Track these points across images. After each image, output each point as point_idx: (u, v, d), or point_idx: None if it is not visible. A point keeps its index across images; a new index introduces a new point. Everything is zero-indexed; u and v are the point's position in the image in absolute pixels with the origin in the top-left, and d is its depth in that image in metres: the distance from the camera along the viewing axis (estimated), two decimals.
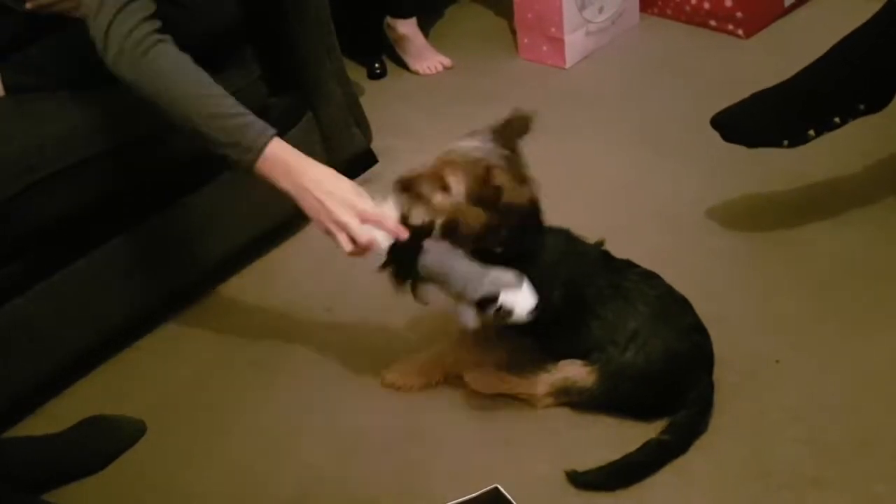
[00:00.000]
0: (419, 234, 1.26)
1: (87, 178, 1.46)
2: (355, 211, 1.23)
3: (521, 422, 1.36)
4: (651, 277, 1.36)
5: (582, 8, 2.29)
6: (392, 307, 1.62)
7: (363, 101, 1.99)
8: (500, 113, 1.33)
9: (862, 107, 1.52)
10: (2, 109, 1.48)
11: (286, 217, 1.83)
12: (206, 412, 1.48)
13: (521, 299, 1.19)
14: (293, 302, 1.68)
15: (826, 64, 1.52)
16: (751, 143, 1.58)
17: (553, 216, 1.34)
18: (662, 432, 1.27)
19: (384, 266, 1.27)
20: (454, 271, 1.23)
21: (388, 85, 2.40)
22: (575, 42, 2.31)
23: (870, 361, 1.37)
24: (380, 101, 2.24)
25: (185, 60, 1.27)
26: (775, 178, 1.77)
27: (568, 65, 2.32)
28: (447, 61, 2.42)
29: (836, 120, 1.52)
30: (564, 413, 1.36)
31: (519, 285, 1.20)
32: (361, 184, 1.96)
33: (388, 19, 2.39)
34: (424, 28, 2.46)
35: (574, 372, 1.32)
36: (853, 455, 1.24)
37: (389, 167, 2.04)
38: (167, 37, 1.26)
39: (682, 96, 2.11)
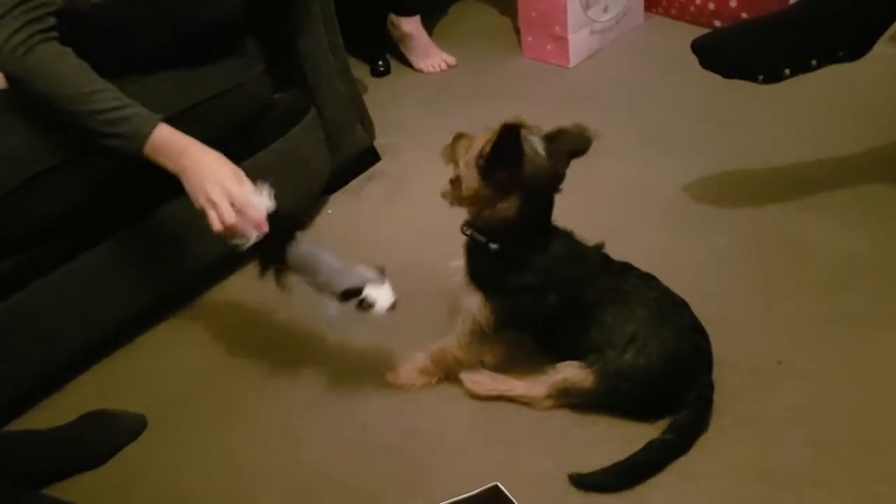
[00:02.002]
0: (286, 226, 1.32)
1: (87, 174, 1.45)
2: (227, 194, 1.28)
3: (522, 420, 1.36)
4: (649, 280, 1.36)
5: (586, 7, 2.29)
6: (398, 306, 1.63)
7: (367, 98, 1.99)
8: (504, 111, 1.33)
9: (841, 53, 1.51)
10: (4, 101, 1.47)
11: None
12: (207, 408, 1.48)
13: (382, 294, 1.28)
14: (294, 300, 1.68)
15: (812, 6, 1.52)
16: (727, 72, 1.57)
17: (555, 214, 1.33)
18: (665, 432, 1.27)
19: (251, 251, 1.32)
20: (322, 264, 1.30)
21: (391, 83, 2.40)
22: (579, 41, 2.31)
23: (872, 362, 1.37)
24: (383, 98, 2.23)
25: (66, 59, 1.30)
26: (779, 179, 1.76)
27: (572, 64, 2.32)
28: (451, 59, 2.41)
29: (814, 62, 1.52)
30: (565, 412, 1.35)
31: (381, 282, 1.28)
32: (365, 181, 2.01)
33: (392, 17, 2.39)
34: (428, 26, 2.46)
35: (573, 374, 1.32)
36: (855, 456, 1.24)
37: (392, 165, 2.04)
38: (53, 34, 1.29)
39: (686, 96, 2.11)
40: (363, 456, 1.36)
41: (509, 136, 1.19)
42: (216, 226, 1.29)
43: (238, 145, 1.66)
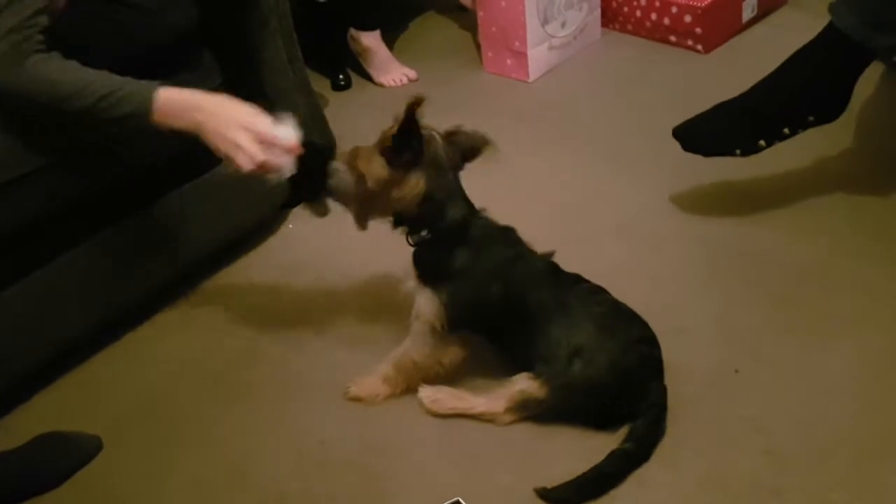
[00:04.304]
0: (319, 150, 1.33)
1: (47, 184, 1.42)
2: (251, 132, 1.27)
3: (484, 435, 1.36)
4: (597, 293, 1.37)
5: (545, 23, 2.32)
6: (357, 320, 1.62)
7: (327, 112, 1.98)
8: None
9: (811, 118, 1.58)
10: None
11: (251, 227, 1.82)
12: (163, 429, 1.46)
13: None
14: (254, 314, 1.67)
15: (776, 78, 1.59)
16: (707, 152, 1.65)
17: (516, 225, 1.35)
18: (624, 441, 1.28)
19: (291, 184, 1.33)
20: None
21: (352, 97, 2.39)
22: (538, 56, 2.33)
23: (827, 371, 1.40)
24: (344, 112, 2.23)
25: (55, 62, 1.29)
26: (732, 192, 1.79)
27: (531, 78, 2.34)
28: (412, 74, 2.42)
29: (786, 131, 1.59)
30: (526, 425, 1.36)
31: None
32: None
33: (352, 31, 2.39)
34: (389, 40, 2.46)
35: (527, 385, 1.32)
36: (811, 464, 1.25)
37: None
38: (42, 49, 1.28)
39: (642, 110, 2.14)
40: (322, 473, 1.34)
41: (412, 113, 1.24)
42: (247, 166, 1.27)
43: (195, 159, 1.65)
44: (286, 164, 1.30)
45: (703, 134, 1.63)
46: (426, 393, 1.40)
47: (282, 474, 1.35)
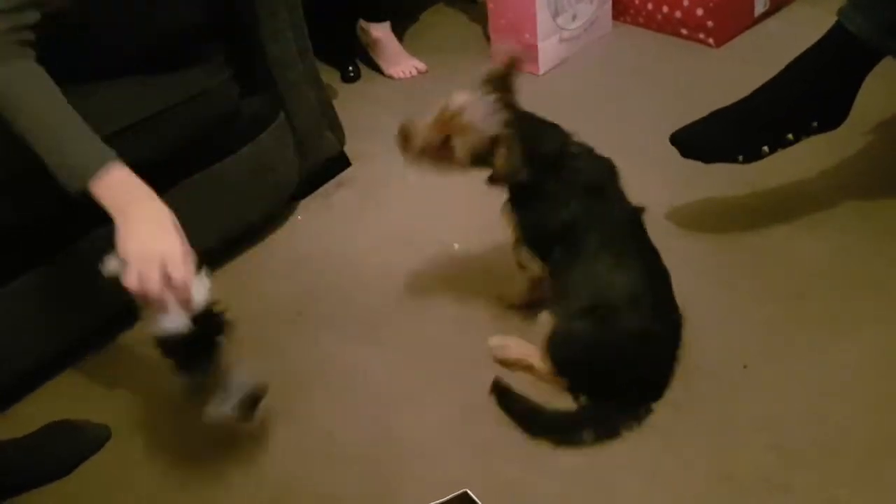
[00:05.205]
0: (217, 325, 1.21)
1: (27, 193, 1.39)
2: (164, 262, 1.13)
3: (491, 426, 1.36)
4: (657, 261, 1.39)
5: (555, 15, 2.31)
6: (360, 314, 1.63)
7: (337, 104, 1.98)
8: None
9: (815, 124, 1.55)
10: None
11: (259, 219, 1.82)
12: (171, 420, 1.46)
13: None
14: (262, 307, 1.67)
15: (780, 82, 1.56)
16: (707, 158, 1.62)
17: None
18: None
19: (171, 347, 1.18)
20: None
21: (361, 88, 2.39)
22: (548, 48, 2.32)
23: (837, 368, 1.39)
24: (353, 104, 2.23)
25: (37, 82, 1.20)
26: (742, 185, 1.79)
27: (541, 71, 2.33)
28: (421, 66, 2.42)
29: (790, 136, 1.56)
30: None
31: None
32: (335, 187, 2.00)
33: (362, 22, 2.39)
34: (399, 32, 2.46)
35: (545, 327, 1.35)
36: (820, 460, 1.25)
37: (362, 170, 2.04)
38: (28, 52, 1.20)
39: (652, 103, 2.13)
40: (330, 465, 1.35)
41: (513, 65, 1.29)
42: (133, 284, 1.12)
43: (205, 151, 1.65)
44: (175, 317, 1.15)
45: (703, 140, 1.60)
46: (495, 341, 1.44)
47: (288, 465, 1.35)
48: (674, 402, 1.35)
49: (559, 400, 1.37)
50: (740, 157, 1.59)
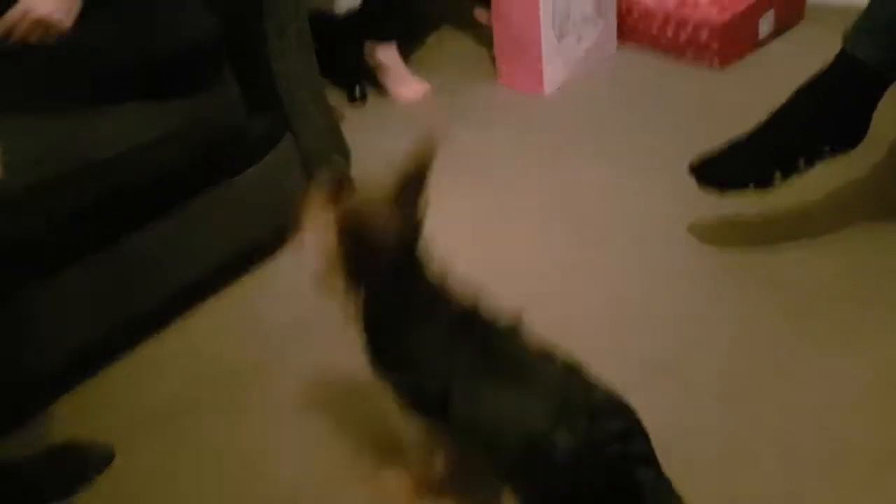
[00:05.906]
0: None
1: (41, 203, 1.41)
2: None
3: None
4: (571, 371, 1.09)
5: (560, 37, 2.32)
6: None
7: (343, 126, 1.99)
8: (478, 139, 1.34)
9: (827, 148, 1.55)
10: None
11: (267, 236, 1.82)
12: (175, 436, 1.46)
13: None
14: (265, 329, 1.67)
15: (789, 109, 1.56)
16: (722, 187, 1.62)
17: (531, 239, 1.34)
18: None
19: None
20: None
21: (368, 110, 2.41)
22: (553, 70, 2.34)
23: (845, 381, 1.39)
24: (360, 126, 2.24)
25: None
26: (746, 207, 1.79)
27: (546, 92, 2.34)
28: (428, 87, 2.43)
29: (801, 162, 1.56)
30: None
31: None
32: None
33: (368, 44, 2.40)
34: (405, 54, 2.47)
35: None
36: (826, 473, 1.25)
37: None
38: None
39: (658, 125, 2.13)
40: (336, 475, 1.33)
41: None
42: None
43: (211, 171, 1.66)
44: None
45: (717, 168, 1.61)
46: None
47: (297, 479, 1.35)
48: (680, 417, 1.34)
49: None
50: (751, 185, 1.59)
